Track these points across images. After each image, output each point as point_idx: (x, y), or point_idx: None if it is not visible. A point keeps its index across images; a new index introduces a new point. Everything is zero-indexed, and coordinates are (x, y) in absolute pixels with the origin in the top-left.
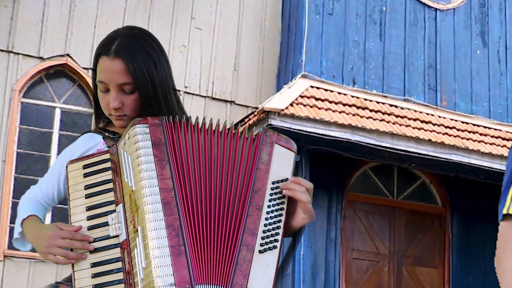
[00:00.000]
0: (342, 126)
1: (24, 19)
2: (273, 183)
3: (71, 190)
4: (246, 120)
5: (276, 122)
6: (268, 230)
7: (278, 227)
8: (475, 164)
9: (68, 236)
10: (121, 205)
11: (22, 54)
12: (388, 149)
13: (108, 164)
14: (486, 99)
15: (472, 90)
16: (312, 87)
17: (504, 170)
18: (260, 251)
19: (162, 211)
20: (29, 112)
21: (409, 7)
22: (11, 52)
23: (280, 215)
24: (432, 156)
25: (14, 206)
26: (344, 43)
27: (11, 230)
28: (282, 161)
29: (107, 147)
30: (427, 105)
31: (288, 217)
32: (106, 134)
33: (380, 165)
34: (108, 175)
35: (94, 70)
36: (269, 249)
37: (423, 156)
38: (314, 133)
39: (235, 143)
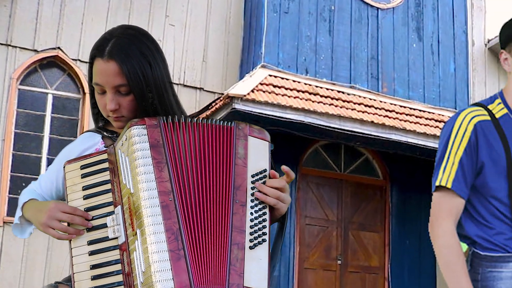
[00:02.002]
0: (296, 109)
1: (21, 17)
2: (252, 176)
3: (68, 191)
4: (213, 104)
5: (239, 106)
6: (255, 225)
7: (264, 220)
8: (411, 142)
9: (69, 211)
10: (119, 206)
11: (19, 47)
12: (336, 130)
13: (106, 165)
14: (421, 86)
15: (409, 79)
16: (270, 75)
17: (437, 148)
18: (250, 247)
19: (161, 215)
20: (25, 98)
21: (355, 6)
22: (9, 45)
23: (264, 207)
24: (374, 135)
25: (12, 179)
26: (298, 38)
27: (10, 200)
28: (258, 153)
29: (105, 147)
30: (370, 92)
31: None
32: (105, 133)
33: (329, 143)
34: (106, 175)
35: (90, 72)
36: (259, 243)
37: (366, 135)
38: (272, 115)
39: (211, 138)
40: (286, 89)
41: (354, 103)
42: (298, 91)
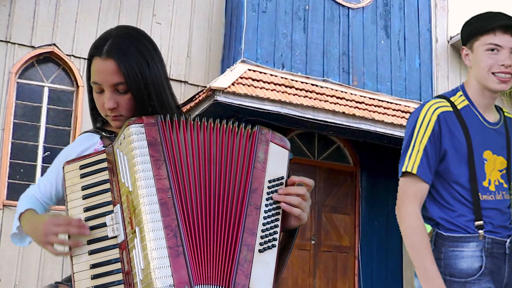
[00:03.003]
0: (273, 101)
1: (19, 16)
2: (269, 181)
3: (68, 191)
4: (196, 96)
5: (220, 98)
6: (267, 229)
7: (276, 226)
8: (379, 131)
9: (63, 223)
10: (118, 205)
11: (18, 44)
12: (310, 120)
13: (105, 164)
14: (388, 79)
15: (377, 73)
16: (249, 70)
17: (403, 137)
18: (260, 251)
19: (160, 212)
20: (23, 90)
21: (327, 6)
22: (8, 42)
23: (277, 213)
24: (346, 125)
25: (11, 165)
26: (275, 35)
27: (9, 184)
28: (277, 160)
29: (104, 146)
30: (341, 85)
31: (283, 217)
32: (103, 133)
33: (304, 132)
34: (105, 175)
35: (88, 71)
36: (268, 248)
37: (338, 125)
38: (251, 107)
39: (232, 141)
40: (264, 82)
41: (327, 95)
42: (275, 84)
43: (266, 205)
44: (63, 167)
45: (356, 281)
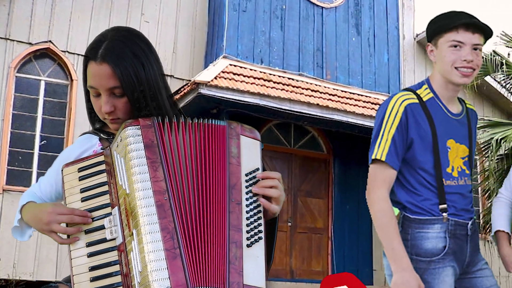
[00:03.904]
0: (253, 94)
1: (18, 15)
2: (246, 175)
3: (67, 194)
4: (182, 89)
5: (204, 91)
6: (251, 223)
7: (259, 218)
8: (351, 122)
9: (67, 212)
10: (116, 208)
11: (16, 41)
12: (287, 111)
13: (103, 166)
14: (359, 74)
15: (349, 67)
16: (230, 65)
17: (373, 127)
18: (247, 245)
19: (156, 214)
20: (21, 84)
21: (303, 6)
22: (8, 39)
23: (259, 205)
24: (320, 116)
25: (10, 153)
26: (254, 33)
27: (8, 171)
28: (250, 152)
29: (102, 148)
30: (316, 78)
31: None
32: (102, 135)
33: (281, 123)
34: (103, 177)
35: (85, 75)
36: (256, 241)
37: (313, 116)
38: (232, 99)
39: (206, 139)
40: (244, 76)
41: (302, 88)
42: (254, 78)
43: (247, 199)
44: (62, 170)
45: (329, 260)
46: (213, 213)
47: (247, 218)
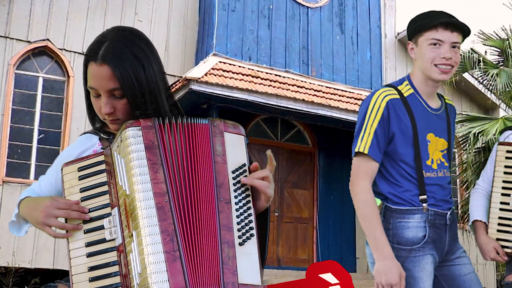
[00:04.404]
0: (241, 90)
1: (17, 14)
2: (233, 172)
3: (66, 193)
4: (173, 85)
5: (195, 87)
6: (242, 221)
7: (249, 215)
8: (335, 116)
9: (64, 207)
10: (116, 208)
11: (15, 39)
12: (274, 106)
13: (103, 166)
14: (343, 70)
15: (333, 65)
16: (220, 62)
17: (356, 121)
18: (240, 244)
19: (157, 216)
20: (20, 80)
21: (289, 6)
22: (7, 37)
23: (248, 202)
24: (305, 111)
25: (10, 146)
26: (243, 31)
27: (8, 163)
28: (235, 148)
29: (102, 148)
30: (301, 75)
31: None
32: (102, 135)
33: (268, 117)
34: (103, 177)
35: (85, 75)
36: (248, 238)
37: (299, 111)
38: (222, 95)
39: (191, 139)
40: (233, 73)
41: (289, 85)
42: (243, 74)
43: (236, 197)
44: (62, 169)
45: (314, 249)
46: (205, 214)
47: (237, 216)
